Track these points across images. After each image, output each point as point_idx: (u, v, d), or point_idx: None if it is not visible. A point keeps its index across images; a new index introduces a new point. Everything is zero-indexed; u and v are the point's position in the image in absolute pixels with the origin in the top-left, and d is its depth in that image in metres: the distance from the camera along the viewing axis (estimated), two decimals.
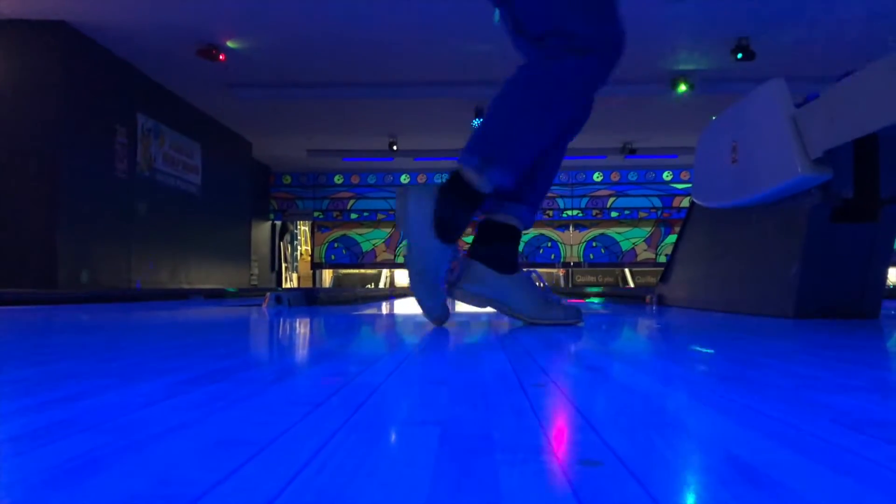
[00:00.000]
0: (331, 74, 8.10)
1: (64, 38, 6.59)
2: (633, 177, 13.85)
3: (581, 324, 1.77)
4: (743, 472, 0.40)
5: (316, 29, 6.80)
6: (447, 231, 1.64)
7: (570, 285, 13.36)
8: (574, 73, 1.66)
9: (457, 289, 1.74)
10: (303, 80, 8.18)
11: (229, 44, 7.22)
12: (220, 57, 7.33)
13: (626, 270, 13.90)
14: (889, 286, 2.60)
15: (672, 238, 12.90)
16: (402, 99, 8.65)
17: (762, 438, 0.50)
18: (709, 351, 1.26)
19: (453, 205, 1.64)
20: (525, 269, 1.77)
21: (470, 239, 1.82)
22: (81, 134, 6.87)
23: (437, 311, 1.71)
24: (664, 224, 13.92)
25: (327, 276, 15.20)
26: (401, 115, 9.64)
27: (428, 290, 1.68)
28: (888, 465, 0.42)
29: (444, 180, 1.69)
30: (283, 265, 14.73)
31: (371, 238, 14.29)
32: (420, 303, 1.71)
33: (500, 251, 1.74)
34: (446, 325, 1.72)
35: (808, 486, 0.38)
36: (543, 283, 1.79)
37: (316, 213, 14.10)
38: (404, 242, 1.75)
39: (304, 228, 15.86)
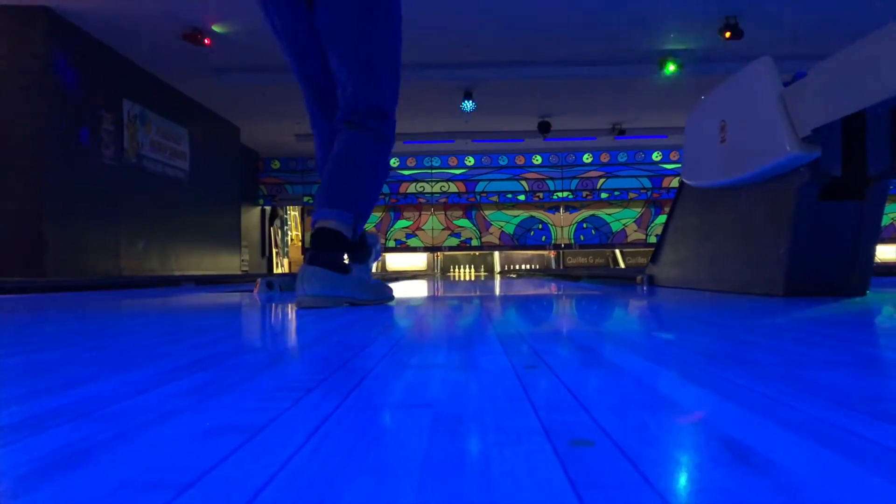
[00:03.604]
0: None
1: (47, 24, 6.50)
2: (622, 158, 13.86)
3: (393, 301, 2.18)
4: (735, 451, 0.41)
5: None
6: (343, 267, 2.02)
7: (562, 266, 13.39)
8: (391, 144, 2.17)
9: (305, 295, 1.92)
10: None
11: (214, 28, 7.15)
12: (206, 41, 7.26)
13: (617, 251, 13.93)
14: (876, 263, 2.62)
15: (662, 218, 12.93)
16: None
17: (754, 416, 0.50)
18: (699, 330, 1.26)
19: (338, 259, 2.00)
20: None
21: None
22: (67, 121, 6.80)
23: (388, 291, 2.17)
24: (654, 204, 13.95)
25: None
26: None
27: (371, 293, 2.06)
28: (879, 440, 0.43)
29: (317, 252, 1.97)
30: (274, 251, 14.69)
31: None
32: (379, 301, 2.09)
33: (335, 256, 1.98)
34: (437, 307, 1.72)
35: (801, 462, 0.38)
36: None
37: (306, 198, 14.05)
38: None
39: (293, 213, 15.80)
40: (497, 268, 13.70)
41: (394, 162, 13.93)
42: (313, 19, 2.06)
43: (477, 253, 14.09)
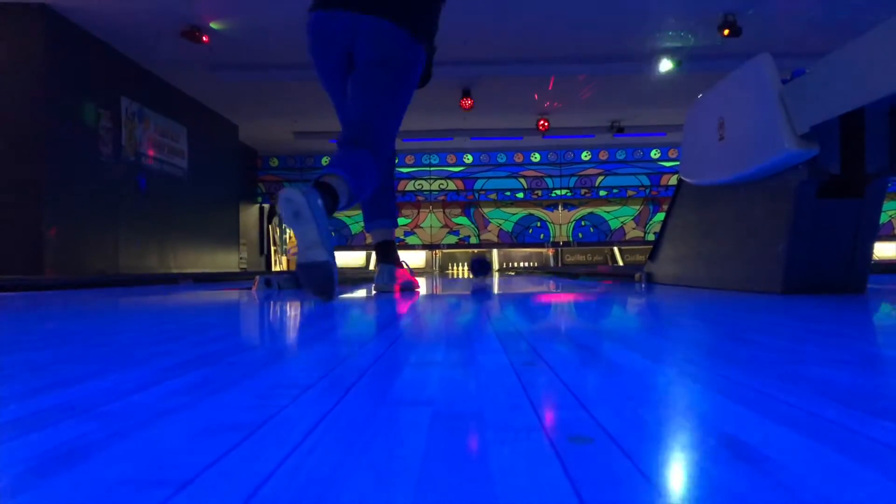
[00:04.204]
0: None
1: (46, 22, 6.48)
2: (621, 155, 13.85)
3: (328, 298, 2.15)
4: (734, 448, 0.41)
5: (299, 9, 6.72)
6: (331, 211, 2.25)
7: (560, 264, 13.39)
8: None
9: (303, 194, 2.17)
10: (288, 61, 8.09)
11: (213, 25, 7.13)
12: (204, 39, 7.25)
13: (615, 249, 13.92)
14: (874, 261, 2.62)
15: (660, 216, 12.94)
16: None
17: (752, 413, 0.50)
18: (697, 327, 1.26)
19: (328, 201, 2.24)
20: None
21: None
22: (65, 118, 6.79)
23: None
24: (652, 202, 13.94)
25: None
26: None
27: (330, 254, 2.14)
28: (877, 437, 0.43)
29: (318, 189, 2.20)
30: (273, 248, 14.67)
31: (360, 220, 14.24)
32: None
33: (327, 200, 2.22)
34: (436, 304, 1.72)
35: (798, 460, 0.38)
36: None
37: None
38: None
39: None
40: (496, 265, 13.70)
41: None
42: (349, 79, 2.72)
43: (475, 251, 14.08)
